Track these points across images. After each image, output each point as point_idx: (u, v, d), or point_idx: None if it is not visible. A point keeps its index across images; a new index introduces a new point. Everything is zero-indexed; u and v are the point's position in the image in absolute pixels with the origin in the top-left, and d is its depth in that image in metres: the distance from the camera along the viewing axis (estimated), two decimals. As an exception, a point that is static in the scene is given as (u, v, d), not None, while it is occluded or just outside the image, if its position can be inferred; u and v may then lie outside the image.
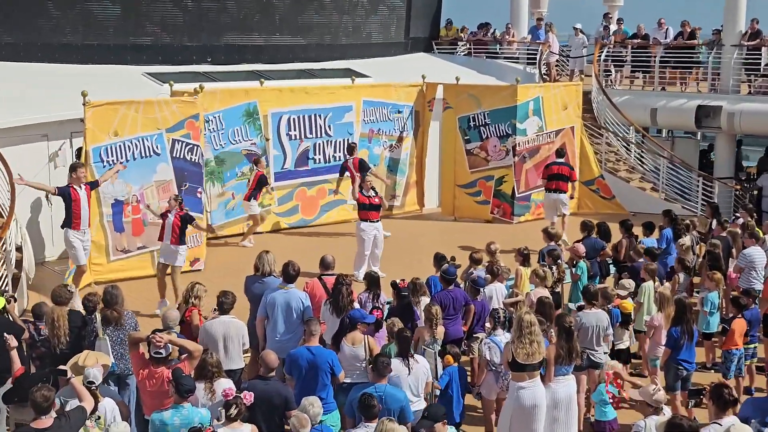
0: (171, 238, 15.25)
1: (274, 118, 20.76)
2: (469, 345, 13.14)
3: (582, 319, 12.11)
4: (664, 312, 13.05)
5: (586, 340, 12.06)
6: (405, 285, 12.70)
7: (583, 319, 12.14)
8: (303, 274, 12.48)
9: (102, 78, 20.23)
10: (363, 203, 17.04)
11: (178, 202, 15.44)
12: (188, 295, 12.02)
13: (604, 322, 12.30)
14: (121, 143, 16.73)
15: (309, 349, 10.50)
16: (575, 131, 23.44)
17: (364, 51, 27.08)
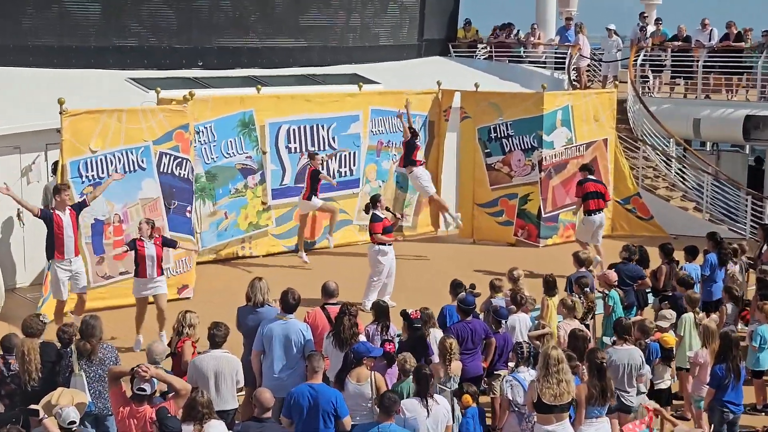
0: (157, 271, 15.19)
1: (272, 129, 20.79)
2: (490, 383, 13.08)
3: (612, 356, 12.03)
4: (708, 347, 12.97)
5: (616, 379, 11.98)
6: (417, 315, 12.66)
7: (613, 355, 12.05)
8: (303, 302, 12.45)
9: (81, 84, 20.30)
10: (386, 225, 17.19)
11: (150, 226, 15.25)
12: (180, 324, 12.01)
13: (637, 359, 12.22)
14: (102, 156, 16.76)
15: (311, 387, 10.45)
16: (609, 144, 23.42)
17: (373, 54, 27.13)
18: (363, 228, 21.62)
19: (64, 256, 15.03)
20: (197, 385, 10.72)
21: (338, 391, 10.72)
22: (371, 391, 10.85)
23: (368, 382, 10.95)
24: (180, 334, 12.01)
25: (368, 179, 22.47)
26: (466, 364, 12.35)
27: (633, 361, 12.15)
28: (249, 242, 20.74)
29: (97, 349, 11.17)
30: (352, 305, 12.12)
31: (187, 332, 11.97)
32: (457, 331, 12.58)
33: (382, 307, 12.85)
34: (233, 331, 12.00)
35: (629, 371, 12.12)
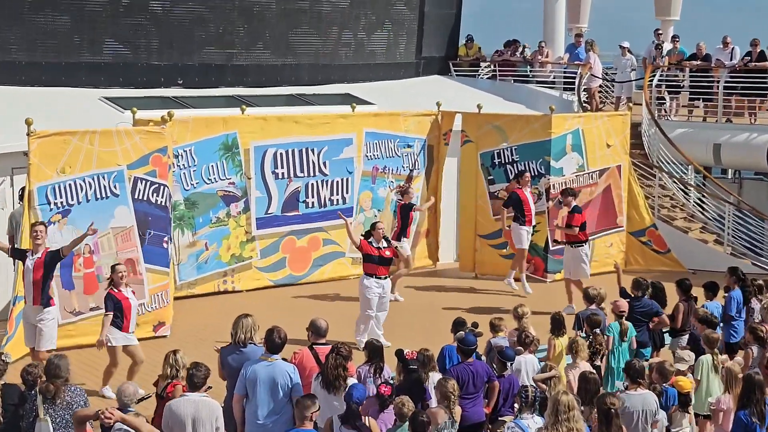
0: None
1: (257, 153, 20.78)
2: (494, 431, 12.98)
3: (625, 403, 11.94)
4: (732, 392, 12.88)
5: (629, 428, 11.89)
6: (413, 356, 12.58)
7: (626, 402, 11.97)
8: (292, 342, 12.37)
9: (51, 103, 20.28)
10: (370, 255, 17.02)
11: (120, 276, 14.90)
12: (173, 367, 11.93)
13: (652, 405, 12.14)
14: (72, 181, 16.71)
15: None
16: (622, 171, 23.42)
17: (367, 73, 27.17)
18: (356, 261, 21.60)
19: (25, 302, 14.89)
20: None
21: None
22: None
23: (360, 428, 10.89)
24: (174, 377, 11.93)
25: (362, 208, 22.44)
26: (467, 409, 12.27)
27: (648, 407, 12.06)
28: (231, 276, 20.68)
29: (62, 392, 11.05)
30: (343, 345, 12.04)
31: (182, 375, 11.89)
32: (457, 373, 12.50)
33: (375, 347, 12.75)
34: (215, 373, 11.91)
35: (644, 418, 12.02)
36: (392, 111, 23.29)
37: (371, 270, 17.07)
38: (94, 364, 15.89)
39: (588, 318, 14.67)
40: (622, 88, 28.66)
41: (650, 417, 12.06)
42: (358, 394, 11.10)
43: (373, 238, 17.22)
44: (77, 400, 11.11)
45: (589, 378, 11.94)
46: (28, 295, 14.84)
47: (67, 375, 11.18)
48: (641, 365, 12.58)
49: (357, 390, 11.17)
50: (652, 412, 12.10)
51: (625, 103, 28.47)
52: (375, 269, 17.07)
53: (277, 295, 20.66)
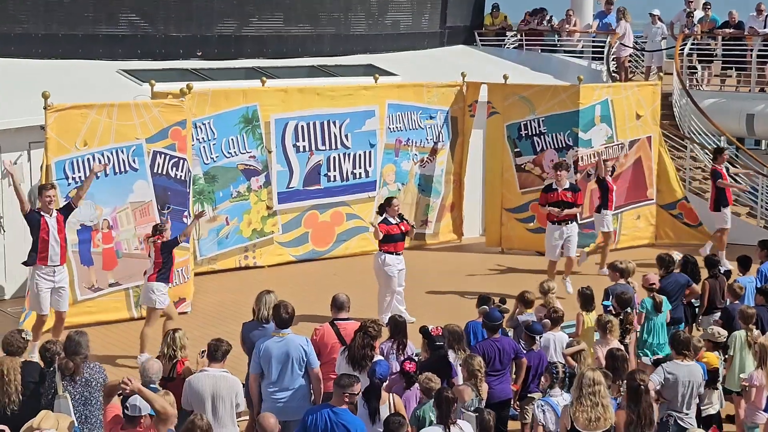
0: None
1: (278, 126, 20.82)
2: (522, 407, 13.02)
3: (675, 373, 11.95)
4: (764, 368, 12.89)
5: (675, 400, 11.89)
6: (439, 332, 12.63)
7: (676, 371, 11.97)
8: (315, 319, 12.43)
9: (68, 76, 20.35)
10: (390, 233, 17.04)
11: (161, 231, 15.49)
12: (171, 347, 12.01)
13: (699, 377, 12.13)
14: (91, 155, 16.79)
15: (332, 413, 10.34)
16: (652, 142, 23.36)
17: (390, 43, 27.13)
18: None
19: (47, 263, 15.02)
20: (192, 408, 10.71)
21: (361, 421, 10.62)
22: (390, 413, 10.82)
23: (386, 404, 10.93)
24: (173, 357, 12.01)
25: (386, 182, 22.47)
26: (493, 386, 12.28)
27: (695, 379, 12.06)
28: (253, 251, 20.77)
29: (81, 369, 11.14)
30: (372, 323, 12.08)
31: (181, 354, 11.98)
32: (483, 349, 12.52)
33: (398, 323, 12.80)
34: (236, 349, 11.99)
35: (691, 390, 12.03)
36: (416, 82, 23.27)
37: (392, 247, 17.10)
38: (114, 340, 16.05)
39: (617, 297, 14.66)
40: (653, 58, 28.53)
41: (696, 388, 12.07)
42: (381, 369, 11.16)
43: (388, 214, 17.16)
44: (96, 378, 11.20)
45: (616, 355, 11.96)
46: (54, 256, 14.99)
47: (86, 352, 11.28)
48: (686, 336, 12.58)
49: (380, 366, 11.22)
50: (698, 384, 12.10)
51: (655, 72, 28.34)
52: (395, 246, 17.12)
53: (300, 270, 20.73)
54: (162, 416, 9.74)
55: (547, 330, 13.70)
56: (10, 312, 17.37)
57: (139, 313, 17.21)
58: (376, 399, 10.99)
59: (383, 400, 10.95)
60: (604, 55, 28.25)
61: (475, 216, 24.18)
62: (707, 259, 16.78)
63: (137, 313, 17.24)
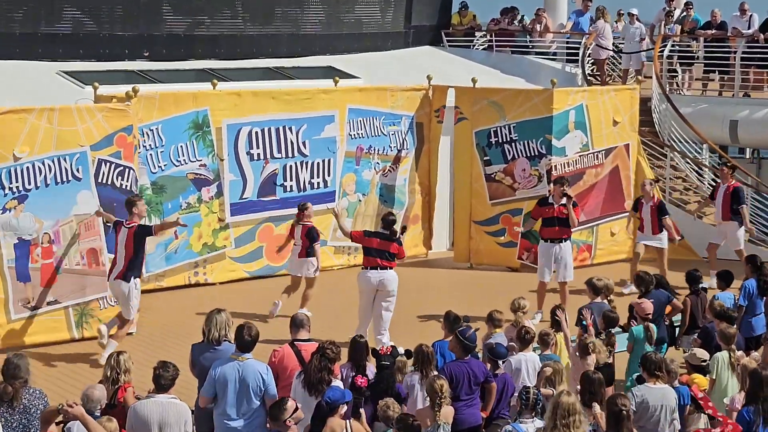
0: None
1: (230, 132, 20.80)
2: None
3: (644, 396, 12.04)
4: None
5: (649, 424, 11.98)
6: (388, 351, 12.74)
7: (646, 395, 12.06)
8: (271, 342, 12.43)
9: (4, 78, 20.25)
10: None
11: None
12: (115, 371, 11.98)
13: (672, 401, 12.22)
14: (30, 164, 16.68)
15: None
16: (630, 150, 23.49)
17: (351, 43, 27.18)
18: (339, 250, 21.74)
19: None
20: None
21: None
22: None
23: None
24: (116, 381, 11.97)
25: (346, 192, 22.49)
26: (462, 412, 12.34)
27: (667, 402, 12.14)
28: (203, 267, 20.72)
29: (20, 394, 11.10)
30: (331, 345, 12.11)
31: (124, 379, 11.95)
32: (451, 371, 12.57)
33: (357, 344, 12.89)
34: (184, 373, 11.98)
35: (664, 414, 12.10)
36: (379, 85, 23.34)
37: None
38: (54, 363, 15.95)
39: (604, 315, 14.74)
40: (630, 60, 28.65)
41: (670, 413, 12.14)
42: (331, 393, 11.20)
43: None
44: (36, 404, 11.12)
45: (593, 378, 12.02)
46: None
47: (26, 376, 11.22)
48: (659, 357, 12.66)
49: (331, 390, 11.28)
50: (672, 409, 12.17)
51: (633, 76, 28.51)
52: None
53: (254, 287, 20.69)
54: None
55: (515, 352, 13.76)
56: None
57: (80, 333, 17.13)
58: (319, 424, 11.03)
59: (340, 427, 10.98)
60: (580, 56, 28.39)
61: (443, 229, 24.23)
62: (689, 275, 16.91)
63: (78, 333, 17.15)
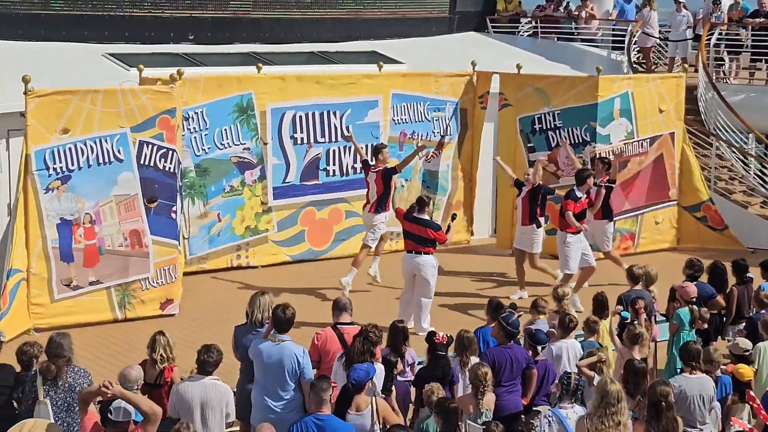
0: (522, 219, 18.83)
1: (274, 116, 20.83)
2: (528, 422, 13.03)
3: (682, 386, 12.00)
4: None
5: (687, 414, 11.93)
6: (444, 340, 12.69)
7: (683, 385, 12.02)
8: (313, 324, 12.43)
9: (50, 59, 20.37)
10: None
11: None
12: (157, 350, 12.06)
13: (710, 390, 12.19)
14: (73, 144, 16.81)
15: (317, 419, 10.45)
16: (676, 139, 23.36)
17: (396, 29, 27.15)
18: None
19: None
20: (179, 416, 10.74)
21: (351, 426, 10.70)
22: (371, 420, 10.87)
23: (368, 410, 11.01)
24: (163, 361, 12.06)
25: (389, 177, 22.45)
26: (503, 398, 12.31)
27: (705, 392, 12.10)
28: (246, 250, 20.77)
29: (64, 373, 11.18)
30: (374, 328, 12.12)
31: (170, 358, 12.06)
32: (493, 357, 12.55)
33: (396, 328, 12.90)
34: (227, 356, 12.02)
35: (701, 403, 12.06)
36: (423, 71, 23.28)
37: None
38: (97, 343, 16.05)
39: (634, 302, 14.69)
40: (677, 48, 28.46)
41: (707, 402, 12.11)
42: (355, 374, 11.20)
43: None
44: (80, 382, 11.21)
45: (637, 368, 11.97)
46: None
47: (70, 354, 11.30)
48: (697, 348, 12.61)
49: (355, 371, 11.26)
50: (710, 398, 12.14)
51: (679, 64, 28.29)
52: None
53: (295, 271, 20.73)
54: (152, 417, 9.71)
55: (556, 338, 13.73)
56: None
57: (123, 314, 17.25)
58: (344, 404, 11.04)
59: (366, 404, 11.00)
60: (625, 44, 28.25)
61: (486, 215, 24.18)
62: (735, 264, 16.77)
63: (120, 314, 17.27)
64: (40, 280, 16.63)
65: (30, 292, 16.44)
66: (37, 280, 16.55)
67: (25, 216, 16.38)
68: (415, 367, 12.95)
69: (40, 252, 16.59)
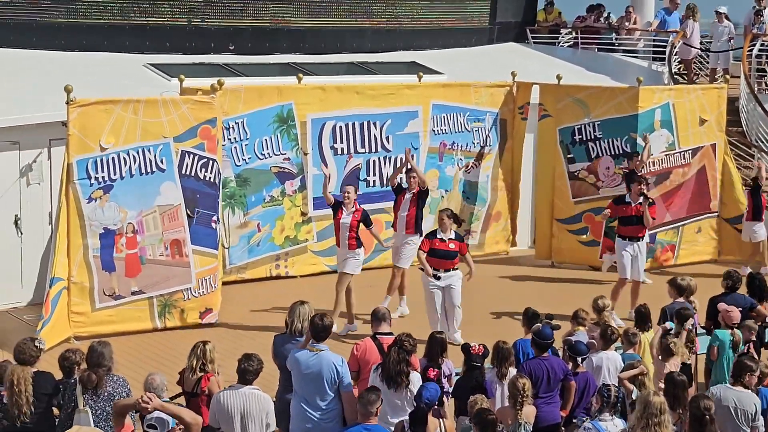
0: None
1: (314, 126, 20.89)
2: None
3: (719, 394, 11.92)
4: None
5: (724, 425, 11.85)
6: (480, 351, 12.69)
7: (721, 394, 11.95)
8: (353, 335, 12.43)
9: (92, 69, 20.48)
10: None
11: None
12: (199, 359, 12.11)
13: (751, 406, 12.08)
14: (115, 155, 16.91)
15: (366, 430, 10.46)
16: (717, 150, 23.24)
17: (436, 39, 27.16)
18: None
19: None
20: (219, 426, 10.78)
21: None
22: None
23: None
24: (201, 370, 12.11)
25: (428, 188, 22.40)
26: (542, 409, 12.29)
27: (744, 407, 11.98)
28: (285, 260, 20.82)
29: (104, 382, 11.23)
30: (408, 337, 12.12)
31: (209, 368, 12.10)
32: (531, 369, 12.54)
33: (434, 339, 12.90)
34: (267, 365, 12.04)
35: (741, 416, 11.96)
36: (462, 81, 23.27)
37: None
38: (137, 352, 16.12)
39: (677, 312, 14.61)
40: (718, 59, 28.35)
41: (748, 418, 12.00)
42: (428, 394, 11.19)
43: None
44: (120, 392, 11.26)
45: (677, 380, 11.91)
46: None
47: (110, 364, 11.36)
48: (744, 363, 12.53)
49: (428, 390, 11.26)
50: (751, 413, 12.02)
51: (721, 75, 28.20)
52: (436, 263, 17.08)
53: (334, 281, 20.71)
54: (194, 428, 9.75)
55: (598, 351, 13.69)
56: (26, 319, 17.52)
57: (163, 323, 17.33)
58: (421, 425, 11.02)
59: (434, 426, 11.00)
60: (666, 55, 28.14)
61: (525, 226, 24.13)
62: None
63: (160, 323, 17.35)
64: (81, 289, 16.74)
65: (71, 300, 16.56)
66: (78, 289, 16.67)
67: (67, 225, 16.49)
68: (452, 378, 12.95)
69: (81, 261, 16.70)
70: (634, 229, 18.95)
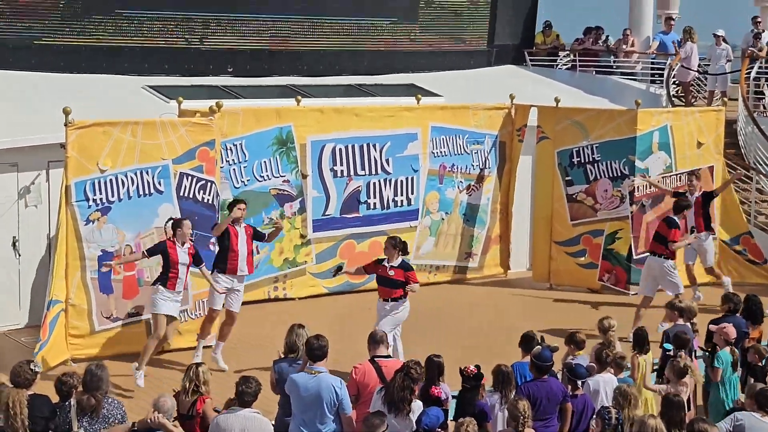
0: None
1: (314, 148, 20.88)
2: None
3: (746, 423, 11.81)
4: None
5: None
6: (472, 373, 12.67)
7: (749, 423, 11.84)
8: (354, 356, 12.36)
9: (90, 91, 20.48)
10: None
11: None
12: (192, 381, 12.05)
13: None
14: (113, 176, 16.87)
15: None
16: (715, 172, 23.23)
17: (434, 62, 27.17)
18: (421, 267, 21.60)
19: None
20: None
21: None
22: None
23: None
24: (195, 393, 12.05)
25: (429, 210, 22.44)
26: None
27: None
28: (284, 282, 20.80)
29: (101, 405, 11.20)
30: (416, 364, 12.04)
31: (203, 390, 12.04)
32: (530, 391, 12.49)
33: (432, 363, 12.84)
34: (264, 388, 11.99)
35: None
36: (461, 104, 23.27)
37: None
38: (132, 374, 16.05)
39: (675, 336, 14.55)
40: (716, 81, 28.36)
41: None
42: (428, 420, 11.14)
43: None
44: (114, 414, 11.25)
45: (673, 401, 11.86)
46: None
47: (106, 387, 11.34)
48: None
49: (428, 416, 11.21)
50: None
51: (719, 97, 28.21)
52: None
53: (333, 303, 20.71)
54: None
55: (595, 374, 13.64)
56: (24, 341, 17.46)
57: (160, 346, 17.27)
58: None
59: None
60: (665, 77, 28.17)
61: (522, 249, 24.10)
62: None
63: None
64: (79, 311, 16.69)
65: (69, 322, 16.51)
66: (75, 311, 16.61)
67: (65, 247, 16.45)
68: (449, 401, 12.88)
69: (79, 283, 16.66)
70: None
